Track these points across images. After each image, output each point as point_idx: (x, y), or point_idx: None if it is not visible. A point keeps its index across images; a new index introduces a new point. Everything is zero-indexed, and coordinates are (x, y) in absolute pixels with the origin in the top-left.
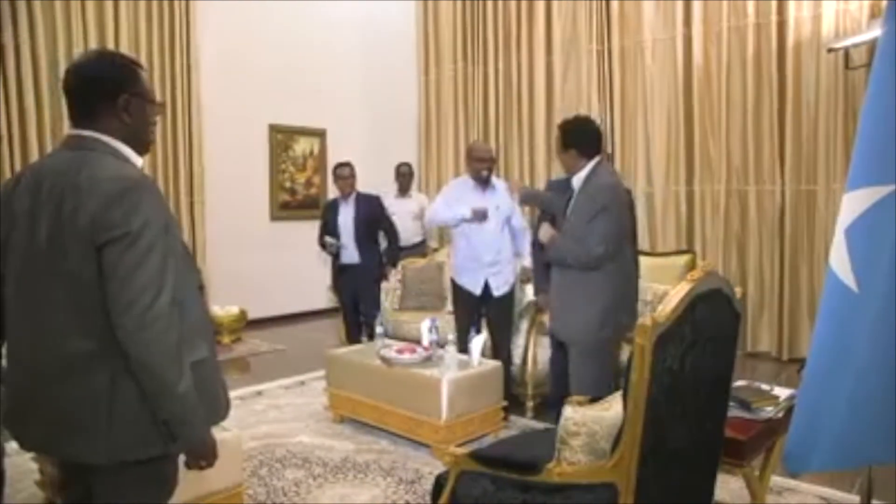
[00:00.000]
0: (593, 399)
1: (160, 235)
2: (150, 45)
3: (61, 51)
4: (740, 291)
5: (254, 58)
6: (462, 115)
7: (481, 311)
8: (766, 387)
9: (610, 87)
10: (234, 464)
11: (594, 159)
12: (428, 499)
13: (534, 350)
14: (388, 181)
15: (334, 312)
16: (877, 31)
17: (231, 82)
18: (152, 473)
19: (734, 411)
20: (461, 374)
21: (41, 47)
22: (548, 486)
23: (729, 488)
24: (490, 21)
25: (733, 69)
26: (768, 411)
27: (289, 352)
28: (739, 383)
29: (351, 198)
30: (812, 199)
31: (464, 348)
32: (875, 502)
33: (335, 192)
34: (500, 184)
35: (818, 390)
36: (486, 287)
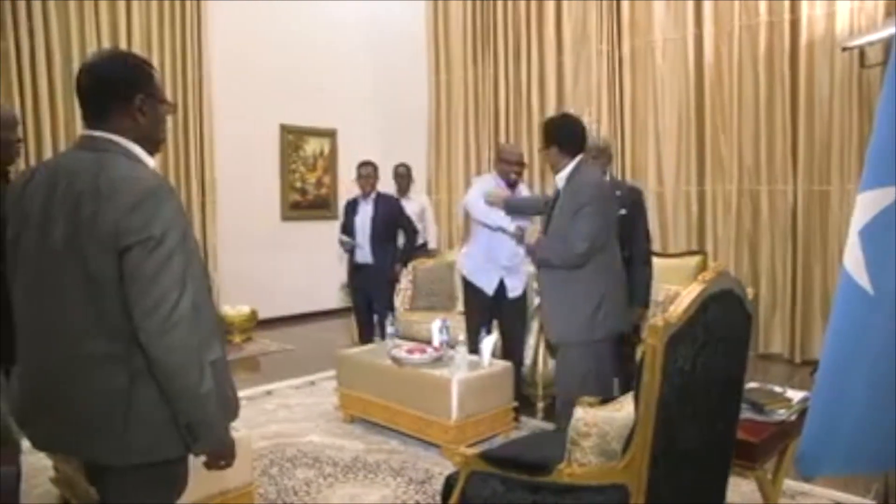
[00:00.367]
0: (605, 401)
1: (181, 240)
2: (162, 47)
3: (75, 51)
4: (752, 292)
5: (265, 58)
6: (472, 116)
7: (493, 312)
8: (778, 389)
9: (620, 87)
10: (244, 463)
11: (577, 158)
12: (438, 499)
13: (544, 351)
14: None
15: (345, 312)
16: (892, 29)
17: (242, 82)
18: (163, 475)
19: (746, 413)
20: (471, 374)
21: (55, 48)
22: (558, 487)
23: (741, 491)
24: (500, 22)
25: (745, 68)
26: (781, 414)
27: (299, 351)
28: (751, 385)
29: (370, 197)
30: (825, 200)
31: (474, 349)
32: None
33: (352, 193)
34: (524, 188)
35: (832, 393)
36: (500, 288)
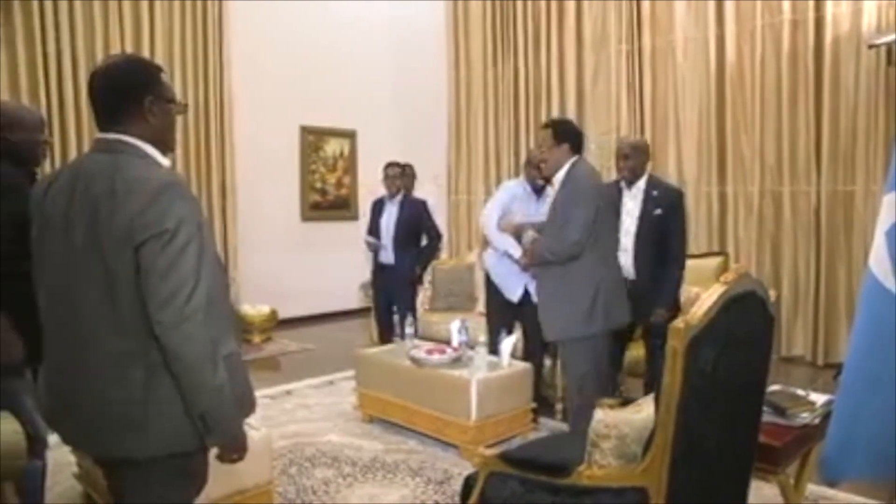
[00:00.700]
0: (626, 402)
1: (195, 233)
2: (184, 50)
3: (99, 56)
4: (774, 294)
5: (285, 59)
6: (492, 116)
7: (516, 314)
8: (801, 392)
9: (640, 86)
10: (263, 462)
11: (574, 158)
12: (457, 499)
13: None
14: (418, 182)
15: (365, 312)
16: None
17: (262, 84)
18: (183, 469)
19: (768, 417)
20: (491, 375)
21: (80, 53)
22: (577, 489)
23: (762, 495)
24: (520, 21)
25: (767, 67)
26: (804, 417)
27: (318, 351)
28: (774, 388)
29: (397, 199)
30: (850, 200)
31: (495, 349)
32: None
33: (376, 193)
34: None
35: (856, 396)
36: (525, 293)
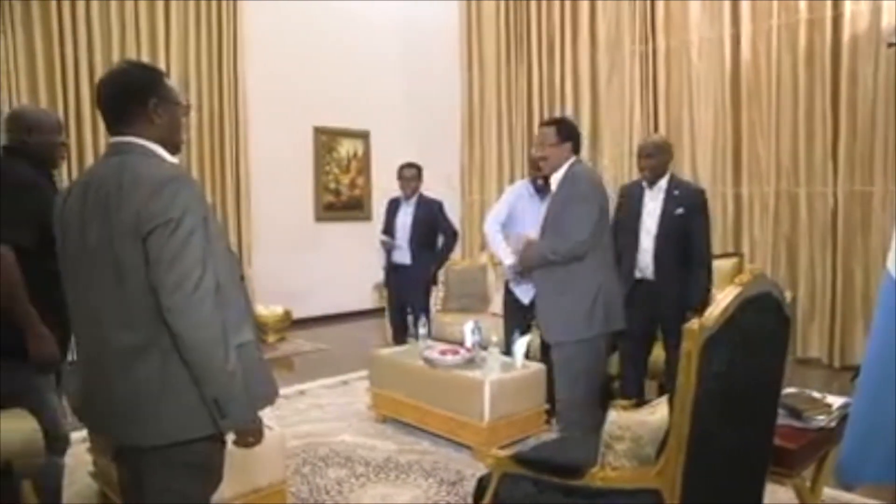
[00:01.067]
0: (640, 404)
1: (199, 222)
2: (199, 51)
3: (115, 59)
4: (790, 296)
5: (298, 60)
6: (505, 117)
7: (533, 315)
8: (817, 395)
9: (655, 87)
10: (277, 461)
11: (574, 158)
12: (469, 500)
13: None
14: (432, 183)
15: (379, 312)
16: None
17: (276, 85)
18: (199, 459)
19: (784, 419)
20: (504, 376)
21: (98, 56)
22: (590, 491)
23: (778, 498)
24: (534, 21)
25: (783, 67)
26: (820, 420)
27: (332, 351)
28: (789, 390)
29: (412, 199)
30: (867, 201)
31: (509, 350)
32: None
33: (390, 193)
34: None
35: (874, 399)
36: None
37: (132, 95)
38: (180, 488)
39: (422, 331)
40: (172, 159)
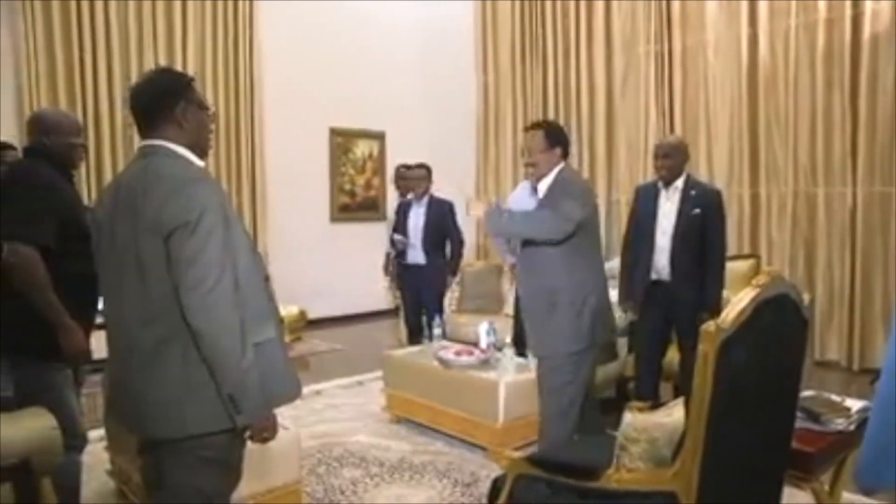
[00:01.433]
0: (656, 406)
1: (219, 222)
2: (216, 52)
3: (133, 60)
4: (808, 297)
5: (314, 61)
6: (521, 117)
7: None
8: (836, 398)
9: (670, 87)
10: (292, 461)
11: (562, 164)
12: (484, 501)
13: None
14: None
15: (394, 313)
16: None
17: (292, 86)
18: (218, 454)
19: (802, 422)
20: (519, 377)
21: (116, 59)
22: (605, 493)
23: (796, 502)
24: (549, 21)
25: (801, 66)
26: (839, 423)
27: (347, 352)
28: (807, 393)
29: (423, 200)
30: (887, 202)
31: (522, 352)
32: None
33: (395, 195)
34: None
35: (894, 403)
36: None
37: (160, 100)
38: (199, 483)
39: (437, 331)
40: (199, 162)
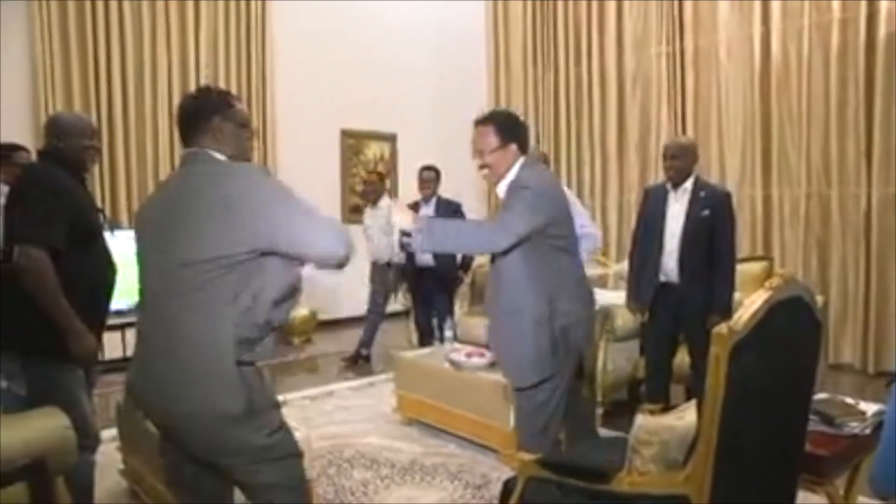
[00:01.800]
0: (668, 409)
1: (274, 190)
2: (228, 54)
3: (146, 61)
4: (822, 300)
5: (326, 63)
6: (532, 119)
7: None
8: (850, 401)
9: (682, 87)
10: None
11: (521, 160)
12: (495, 503)
13: (604, 357)
14: (460, 186)
15: (405, 315)
16: None
17: (303, 87)
18: (232, 426)
19: (816, 426)
20: None
21: (130, 64)
22: (617, 495)
23: None
24: (560, 23)
25: (815, 67)
26: (853, 427)
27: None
28: (821, 396)
29: (432, 201)
30: None
31: None
32: None
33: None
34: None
35: None
36: None
37: (199, 115)
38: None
39: (447, 333)
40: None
